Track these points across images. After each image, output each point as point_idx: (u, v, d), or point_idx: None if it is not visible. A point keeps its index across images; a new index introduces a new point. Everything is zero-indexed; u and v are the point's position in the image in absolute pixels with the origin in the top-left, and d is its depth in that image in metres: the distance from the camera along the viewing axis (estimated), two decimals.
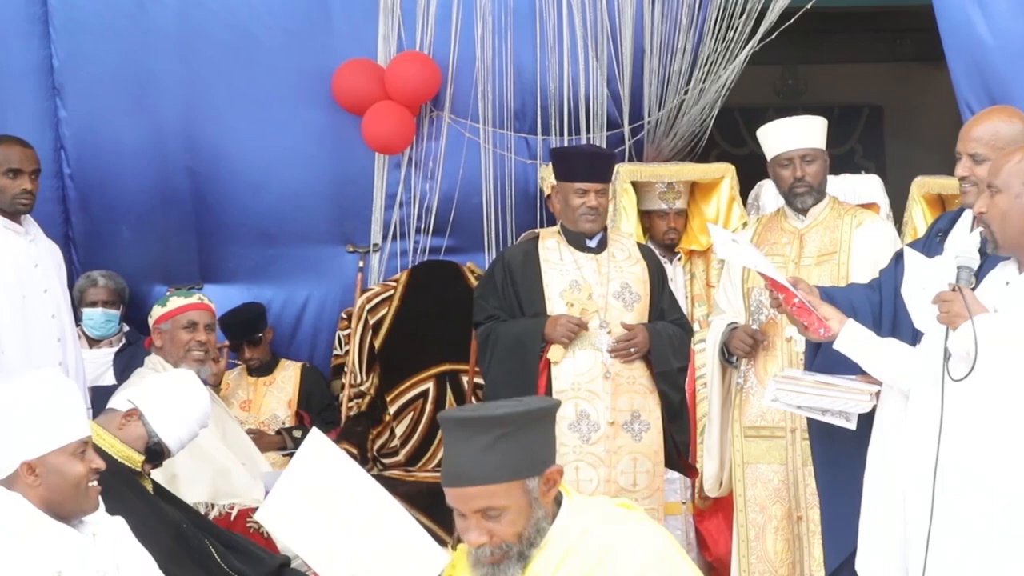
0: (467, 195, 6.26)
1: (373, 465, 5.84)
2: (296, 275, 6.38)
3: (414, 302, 6.13)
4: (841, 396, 3.51)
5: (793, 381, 3.62)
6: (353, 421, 5.95)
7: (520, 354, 4.44)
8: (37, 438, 3.00)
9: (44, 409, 3.01)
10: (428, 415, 5.98)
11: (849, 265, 4.29)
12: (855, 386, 3.50)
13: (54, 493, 3.00)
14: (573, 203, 4.50)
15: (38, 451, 2.99)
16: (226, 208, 6.31)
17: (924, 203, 5.64)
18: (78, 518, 3.05)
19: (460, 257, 6.30)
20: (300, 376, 6.07)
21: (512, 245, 4.98)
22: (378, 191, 6.29)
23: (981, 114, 3.53)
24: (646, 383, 4.49)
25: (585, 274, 4.52)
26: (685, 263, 5.79)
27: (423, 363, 6.04)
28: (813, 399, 3.55)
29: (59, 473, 2.99)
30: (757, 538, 4.30)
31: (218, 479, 4.44)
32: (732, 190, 5.75)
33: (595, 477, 4.39)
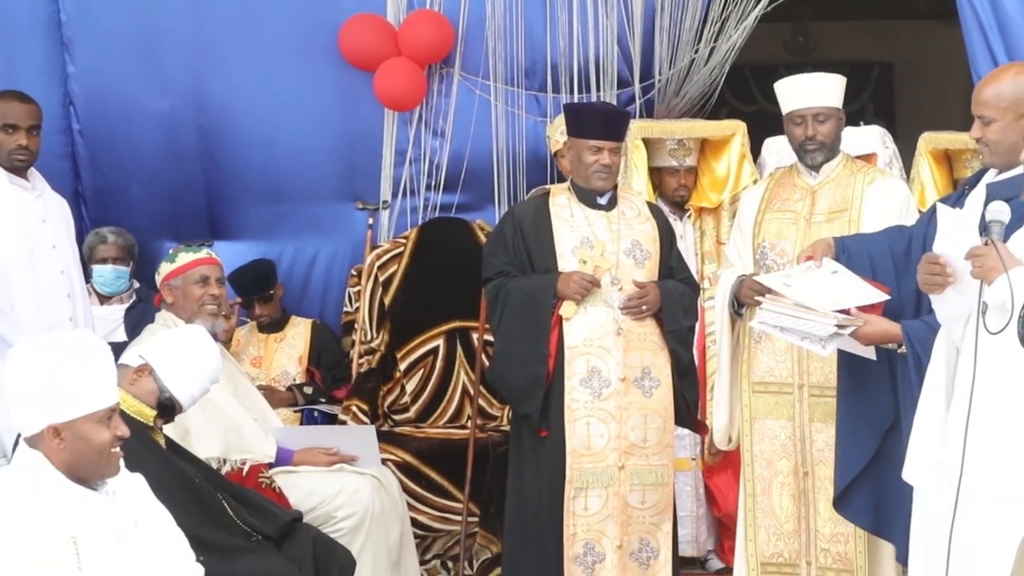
0: (477, 152, 6.24)
1: (384, 421, 5.84)
2: (306, 232, 6.38)
3: (424, 259, 6.13)
4: (811, 320, 3.66)
5: (776, 303, 3.75)
6: (364, 378, 5.96)
7: (532, 310, 4.43)
8: (67, 402, 2.97)
9: (77, 373, 2.99)
10: (438, 372, 5.98)
11: (860, 223, 4.28)
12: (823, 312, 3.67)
13: (77, 458, 2.99)
14: (586, 160, 4.49)
15: (66, 416, 2.97)
16: (235, 165, 6.30)
17: (931, 159, 5.61)
18: (99, 481, 3.05)
19: (470, 214, 6.28)
20: (311, 333, 6.07)
21: (522, 201, 4.98)
22: (388, 148, 6.27)
23: (990, 75, 3.59)
24: (656, 340, 4.49)
25: (596, 231, 4.52)
26: (695, 220, 5.77)
27: (433, 320, 6.03)
28: (790, 321, 3.70)
29: (84, 439, 2.98)
30: (763, 493, 4.32)
31: (230, 435, 4.45)
32: (743, 147, 5.72)
33: (606, 432, 4.40)
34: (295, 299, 6.33)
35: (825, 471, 4.23)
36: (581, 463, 4.39)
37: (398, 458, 5.50)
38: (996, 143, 3.46)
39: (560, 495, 4.37)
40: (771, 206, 4.42)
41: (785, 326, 3.74)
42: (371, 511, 4.52)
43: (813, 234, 4.29)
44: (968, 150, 5.41)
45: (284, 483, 4.45)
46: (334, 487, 4.52)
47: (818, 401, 4.26)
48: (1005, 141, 3.43)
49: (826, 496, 4.22)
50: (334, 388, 5.97)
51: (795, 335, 3.75)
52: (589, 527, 4.40)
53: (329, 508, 4.48)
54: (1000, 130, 3.44)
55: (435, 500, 5.52)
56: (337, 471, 4.62)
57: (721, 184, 5.75)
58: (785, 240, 4.34)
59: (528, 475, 4.46)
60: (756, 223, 4.42)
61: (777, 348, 4.28)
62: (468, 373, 5.95)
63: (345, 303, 6.28)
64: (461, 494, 5.46)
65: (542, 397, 4.38)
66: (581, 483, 4.38)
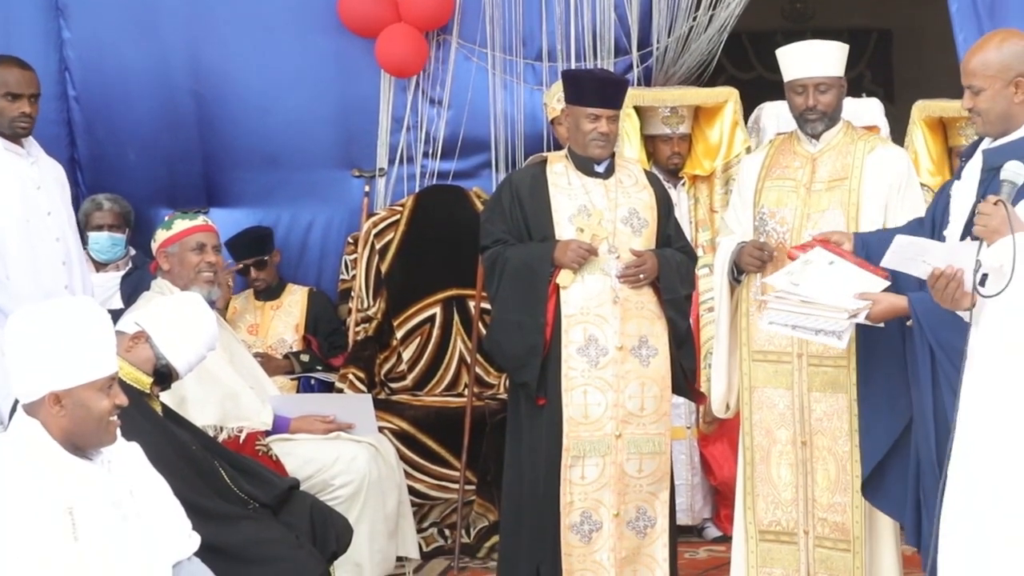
0: (474, 120, 6.23)
1: (381, 389, 5.84)
2: (302, 199, 6.37)
3: (420, 227, 6.12)
4: (822, 315, 3.63)
5: (783, 301, 3.72)
6: (360, 346, 5.95)
7: (529, 278, 4.42)
8: (68, 369, 2.95)
9: (79, 340, 2.97)
10: (435, 340, 5.98)
11: (860, 191, 4.24)
12: (834, 304, 3.63)
13: (76, 425, 2.97)
14: (584, 128, 4.47)
15: (68, 383, 2.95)
16: (231, 132, 6.28)
17: (925, 127, 5.58)
18: (95, 450, 3.03)
19: (466, 182, 6.27)
20: (307, 300, 6.07)
21: (519, 169, 4.96)
22: (384, 115, 6.25)
23: (976, 45, 3.60)
24: (654, 309, 4.48)
25: (594, 199, 4.50)
26: (689, 188, 5.76)
27: (430, 288, 6.03)
28: (801, 318, 3.67)
29: (84, 407, 2.96)
30: (762, 461, 4.31)
31: (226, 402, 4.45)
32: (735, 114, 5.70)
33: (603, 401, 4.39)
34: (291, 267, 6.32)
35: (823, 441, 4.22)
36: (578, 431, 4.38)
37: (395, 426, 5.50)
38: (987, 111, 3.46)
39: (557, 463, 4.37)
40: (771, 173, 4.39)
41: (797, 324, 3.70)
42: (368, 479, 4.52)
43: (813, 202, 4.27)
44: (962, 118, 5.38)
45: (281, 451, 4.45)
46: (331, 455, 4.52)
47: (817, 370, 4.24)
48: (996, 109, 3.43)
49: (824, 466, 4.22)
50: (331, 356, 5.98)
51: (808, 331, 3.71)
52: (586, 496, 4.39)
53: (326, 476, 4.48)
54: (990, 98, 3.43)
55: (432, 468, 5.53)
56: (334, 439, 4.62)
57: (714, 151, 5.74)
58: (785, 208, 4.31)
59: (525, 444, 4.45)
60: (756, 190, 4.39)
61: None
62: (465, 341, 5.96)
63: (341, 271, 6.27)
64: (458, 462, 5.46)
65: (539, 365, 4.37)
66: (578, 451, 4.38)
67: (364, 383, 5.69)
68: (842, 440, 4.20)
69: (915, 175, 4.45)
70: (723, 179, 5.71)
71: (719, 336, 4.44)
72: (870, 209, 4.22)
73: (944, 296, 3.24)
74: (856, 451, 4.13)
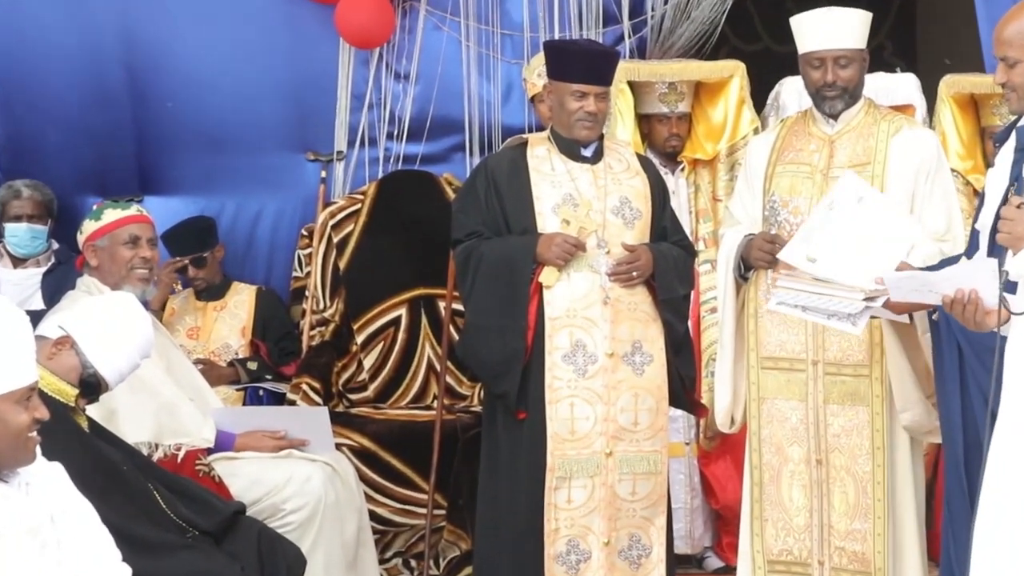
0: (445, 97, 6.24)
1: (338, 401, 5.84)
2: (249, 187, 6.36)
3: (384, 218, 6.11)
4: (836, 295, 3.64)
5: (794, 279, 3.73)
6: (315, 352, 5.95)
7: (507, 276, 4.42)
8: None
9: None
10: (400, 345, 5.99)
11: (884, 178, 4.23)
12: (849, 285, 3.64)
13: None
14: (569, 107, 4.48)
15: None
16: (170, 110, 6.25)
17: (954, 104, 5.59)
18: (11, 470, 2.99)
19: (436, 167, 6.27)
20: (255, 301, 6.04)
21: (496, 152, 4.96)
22: (343, 91, 6.26)
23: (1011, 11, 3.55)
24: (648, 310, 4.48)
25: (580, 187, 4.50)
26: (689, 174, 5.77)
27: (394, 287, 6.03)
28: (813, 299, 3.67)
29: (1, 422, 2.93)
30: (771, 481, 4.32)
31: (163, 416, 4.43)
32: (742, 91, 5.72)
33: (592, 415, 4.39)
34: (237, 263, 6.30)
35: (841, 459, 4.23)
36: (564, 449, 4.38)
37: (355, 443, 5.50)
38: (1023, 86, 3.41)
39: (540, 486, 4.37)
40: (783, 157, 4.39)
41: (807, 305, 3.70)
42: (324, 502, 4.51)
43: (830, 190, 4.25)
44: (996, 95, 5.38)
45: (225, 471, 4.43)
46: (282, 475, 4.51)
47: (835, 380, 4.24)
48: None
49: (841, 488, 4.23)
50: (282, 363, 5.95)
51: (820, 314, 3.71)
52: (573, 522, 4.39)
53: (276, 499, 4.47)
54: None
55: (396, 490, 5.53)
56: (285, 457, 4.62)
57: (718, 133, 5.75)
58: (799, 196, 4.31)
59: (503, 463, 4.45)
60: (766, 176, 4.39)
61: (789, 318, 4.26)
62: (434, 347, 5.95)
63: (294, 267, 6.26)
64: (426, 484, 5.46)
65: (520, 374, 4.38)
66: (564, 472, 4.38)
67: (320, 394, 5.67)
68: (862, 459, 4.21)
69: (945, 160, 4.45)
70: (727, 164, 5.72)
71: (723, 341, 4.44)
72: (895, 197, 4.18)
73: (966, 320, 3.23)
74: (878, 471, 4.13)
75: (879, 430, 4.18)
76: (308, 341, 6.02)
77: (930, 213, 4.18)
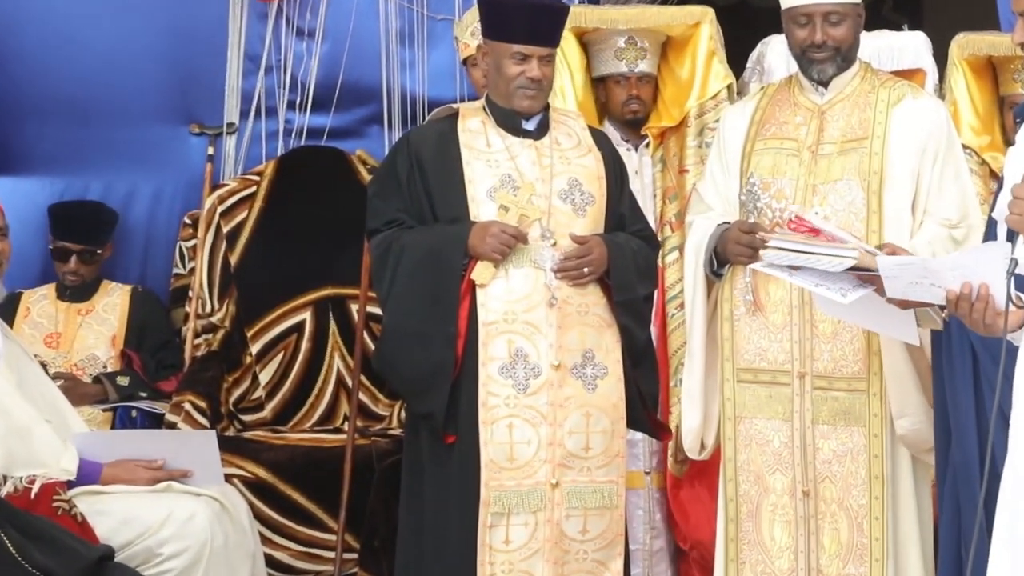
0: (359, 59, 6.27)
1: (229, 424, 5.85)
2: (120, 164, 6.35)
3: (284, 203, 6.13)
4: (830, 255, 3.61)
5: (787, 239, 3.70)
6: (200, 364, 5.94)
7: (434, 273, 4.42)
8: None
9: None
10: (304, 356, 6.01)
11: (884, 156, 4.22)
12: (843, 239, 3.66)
13: None
14: (508, 72, 4.49)
15: None
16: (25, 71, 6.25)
17: (967, 68, 5.58)
18: None
19: (348, 143, 6.30)
20: (128, 303, 6.04)
21: (420, 126, 4.96)
22: (234, 51, 6.31)
23: None
24: (602, 314, 4.48)
25: (521, 166, 4.50)
26: (655, 150, 5.75)
27: (297, 286, 6.06)
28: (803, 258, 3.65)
29: None
30: (749, 517, 4.31)
31: (12, 442, 4.36)
32: (711, 41, 5.69)
33: (534, 438, 4.39)
34: None
35: (832, 491, 4.22)
36: (501, 479, 4.38)
37: (248, 474, 5.50)
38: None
39: (473, 523, 4.36)
40: (764, 132, 4.39)
41: (797, 264, 3.65)
42: (210, 546, 4.45)
43: (820, 170, 4.26)
44: (1019, 58, 5.41)
45: (89, 509, 4.37)
46: (159, 514, 4.44)
47: (825, 396, 4.24)
48: None
49: (832, 525, 4.22)
50: (159, 378, 5.95)
51: (809, 277, 3.67)
52: (512, 566, 4.39)
53: (152, 542, 4.40)
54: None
55: (298, 530, 5.53)
56: (163, 491, 4.56)
57: (685, 93, 5.72)
58: (783, 177, 4.29)
59: (428, 496, 4.44)
60: (744, 154, 4.38)
61: (772, 323, 4.26)
62: (345, 358, 5.98)
63: (175, 262, 6.28)
64: (335, 522, 5.45)
65: (448, 391, 4.37)
66: (501, 507, 4.37)
67: (206, 415, 5.66)
68: (857, 490, 4.20)
69: (956, 136, 4.45)
70: (696, 127, 5.68)
71: (692, 350, 4.45)
72: (898, 179, 4.20)
73: (974, 322, 3.21)
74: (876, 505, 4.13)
75: (877, 456, 4.17)
76: (192, 351, 6.02)
77: (939, 199, 4.18)
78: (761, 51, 5.84)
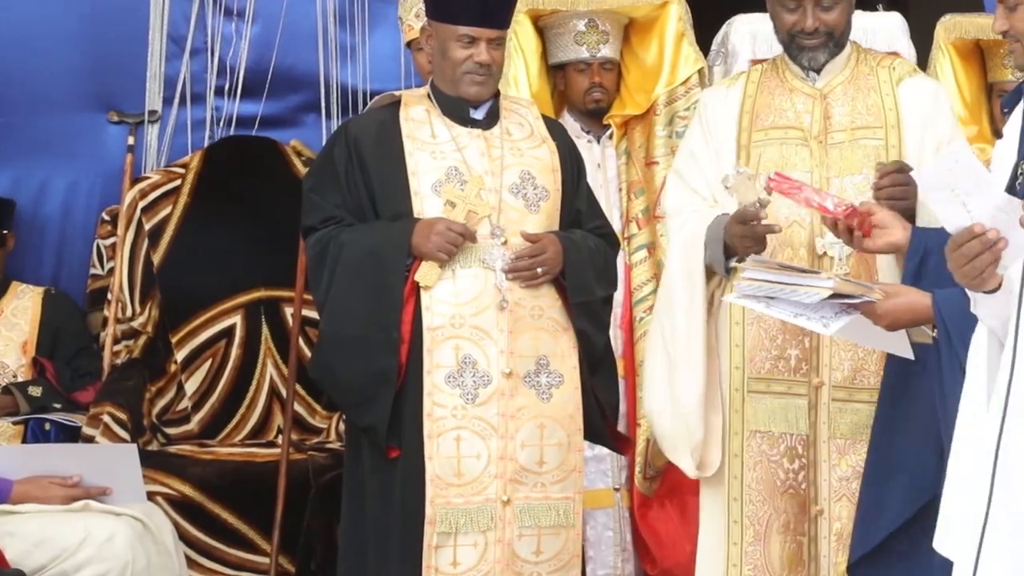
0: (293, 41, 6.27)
1: (152, 437, 5.82)
2: (32, 155, 6.34)
3: (212, 198, 6.13)
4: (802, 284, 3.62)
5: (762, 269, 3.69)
6: (120, 373, 5.93)
7: (374, 274, 4.39)
8: None
9: None
10: (234, 364, 6.02)
11: (901, 144, 4.24)
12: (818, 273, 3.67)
13: None
14: (454, 56, 4.49)
15: None
16: None
17: (954, 53, 5.61)
18: None
19: (282, 132, 6.30)
20: (41, 306, 6.03)
21: (360, 115, 4.96)
22: (156, 33, 6.28)
23: None
24: (557, 317, 4.49)
25: (469, 158, 4.50)
26: (619, 141, 5.76)
27: (226, 288, 6.07)
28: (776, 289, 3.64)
29: None
30: (757, 540, 4.28)
31: None
32: (680, 22, 5.70)
33: (484, 452, 4.38)
34: (15, 256, 6.23)
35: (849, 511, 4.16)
36: (448, 496, 4.36)
37: (173, 491, 5.49)
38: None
39: (418, 543, 4.35)
40: (760, 121, 4.36)
41: (773, 295, 3.65)
42: (131, 569, 4.50)
43: (833, 160, 4.26)
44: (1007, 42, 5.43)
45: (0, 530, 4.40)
46: (75, 534, 4.48)
47: (844, 408, 4.24)
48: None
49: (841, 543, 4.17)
50: (75, 388, 5.92)
51: (788, 308, 3.69)
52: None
53: (67, 565, 4.46)
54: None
55: (228, 552, 5.53)
56: (80, 511, 4.60)
57: (652, 79, 5.72)
58: (794, 170, 4.20)
59: (370, 515, 4.42)
60: (741, 145, 4.34)
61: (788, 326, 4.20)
62: (279, 366, 5.98)
63: (92, 262, 6.26)
64: (268, 543, 5.45)
65: (391, 401, 4.36)
66: (448, 526, 4.36)
67: (126, 428, 5.58)
68: None
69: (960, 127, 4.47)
70: (666, 115, 5.69)
71: (691, 359, 4.33)
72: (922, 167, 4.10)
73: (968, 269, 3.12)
74: None
75: None
76: (111, 359, 6.00)
77: None
78: (725, 32, 5.87)
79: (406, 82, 6.03)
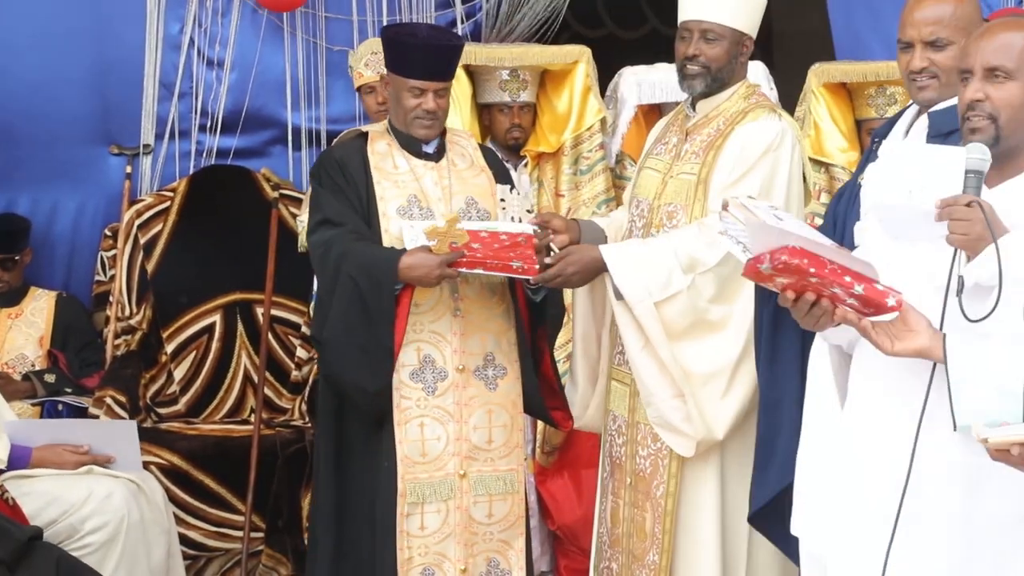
0: (263, 87, 6.16)
1: (146, 416, 5.70)
2: (46, 182, 6.15)
3: (196, 216, 5.97)
4: None
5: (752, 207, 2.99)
6: (120, 363, 5.79)
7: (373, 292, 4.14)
8: None
9: None
10: (214, 355, 5.87)
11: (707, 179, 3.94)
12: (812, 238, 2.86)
13: None
14: (406, 103, 4.29)
15: None
16: None
17: (827, 94, 5.39)
18: None
19: (253, 162, 6.17)
20: (54, 308, 5.90)
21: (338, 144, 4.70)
22: (150, 79, 6.10)
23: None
24: (501, 319, 4.31)
25: (425, 187, 4.31)
26: (532, 169, 5.66)
27: (208, 291, 5.93)
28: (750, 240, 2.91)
29: None
30: None
31: None
32: (587, 78, 5.61)
33: (443, 435, 4.22)
34: (33, 266, 6.09)
35: None
36: (415, 473, 4.21)
37: (164, 461, 5.37)
38: (950, 71, 3.14)
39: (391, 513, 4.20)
40: (652, 150, 4.20)
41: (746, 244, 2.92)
42: (127, 522, 4.45)
43: (669, 192, 4.05)
44: (872, 83, 5.26)
45: (18, 491, 4.28)
46: (80, 493, 4.41)
47: None
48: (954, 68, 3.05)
49: None
50: (83, 375, 5.78)
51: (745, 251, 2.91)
52: (427, 550, 4.22)
53: (74, 519, 4.38)
54: (954, 56, 3.13)
55: (210, 512, 5.42)
56: (85, 474, 4.51)
57: (562, 123, 5.64)
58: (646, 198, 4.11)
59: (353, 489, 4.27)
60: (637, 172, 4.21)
61: None
62: (252, 356, 5.84)
63: (97, 270, 6.11)
64: (242, 504, 5.34)
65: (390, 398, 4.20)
66: (416, 497, 4.21)
67: (125, 408, 5.52)
68: None
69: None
70: (572, 156, 5.62)
71: None
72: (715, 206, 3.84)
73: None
74: None
75: None
76: (112, 351, 5.87)
77: None
78: (616, 81, 5.77)
79: (357, 121, 5.88)
